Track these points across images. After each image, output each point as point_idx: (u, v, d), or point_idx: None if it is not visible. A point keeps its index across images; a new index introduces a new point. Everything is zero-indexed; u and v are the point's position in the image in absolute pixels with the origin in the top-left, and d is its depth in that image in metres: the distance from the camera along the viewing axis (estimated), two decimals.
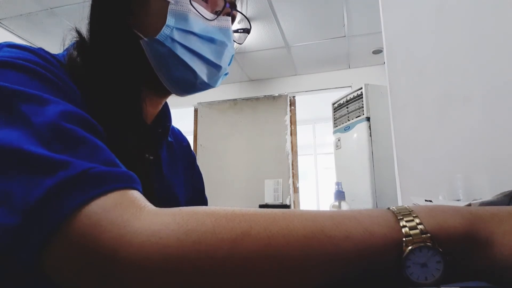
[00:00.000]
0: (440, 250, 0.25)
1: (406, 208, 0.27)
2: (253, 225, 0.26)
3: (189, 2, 0.48)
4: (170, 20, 0.47)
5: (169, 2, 0.47)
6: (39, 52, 0.39)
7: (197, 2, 0.49)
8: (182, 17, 0.48)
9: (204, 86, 0.53)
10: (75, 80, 0.40)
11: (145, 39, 0.48)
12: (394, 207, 0.28)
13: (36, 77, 0.35)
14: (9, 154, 0.28)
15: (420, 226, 0.26)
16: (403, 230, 0.26)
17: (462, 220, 0.26)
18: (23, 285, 0.28)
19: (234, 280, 0.25)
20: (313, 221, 0.27)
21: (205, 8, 0.50)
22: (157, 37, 0.47)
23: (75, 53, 0.45)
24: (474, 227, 0.26)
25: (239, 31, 0.58)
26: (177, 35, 0.48)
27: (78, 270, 0.26)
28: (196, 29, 0.49)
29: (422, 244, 0.25)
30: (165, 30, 0.47)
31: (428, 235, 0.25)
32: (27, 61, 0.35)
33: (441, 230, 0.26)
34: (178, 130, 0.71)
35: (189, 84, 0.51)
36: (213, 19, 0.50)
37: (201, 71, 0.51)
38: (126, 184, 0.29)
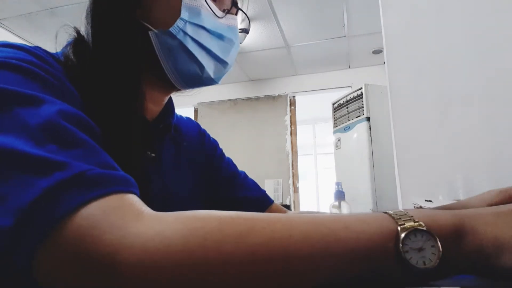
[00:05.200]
0: (433, 234, 0.27)
1: (400, 210, 0.30)
2: (257, 222, 0.27)
3: None
4: (184, 14, 0.48)
5: None
6: (35, 51, 0.38)
7: None
8: (195, 11, 0.49)
9: (208, 81, 0.54)
10: (72, 79, 0.40)
11: (155, 30, 0.48)
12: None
13: (31, 77, 0.34)
14: (2, 155, 0.27)
15: (413, 218, 0.28)
16: (398, 221, 0.28)
17: (451, 216, 0.29)
18: None
19: (240, 273, 0.25)
20: (313, 218, 0.28)
21: (215, 5, 0.52)
22: (170, 29, 0.48)
23: (73, 50, 0.45)
24: (461, 221, 0.29)
25: (239, 31, 0.59)
26: (189, 29, 0.49)
27: (73, 274, 0.24)
28: (207, 25, 0.50)
29: (415, 228, 0.27)
30: (178, 23, 0.48)
31: (421, 222, 0.27)
32: (21, 61, 0.34)
33: (433, 222, 0.28)
34: (188, 119, 0.69)
35: (195, 78, 0.52)
36: (222, 17, 0.52)
37: (209, 66, 0.52)
38: (124, 187, 0.29)
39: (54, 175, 0.26)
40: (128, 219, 0.26)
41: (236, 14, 0.55)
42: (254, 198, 0.69)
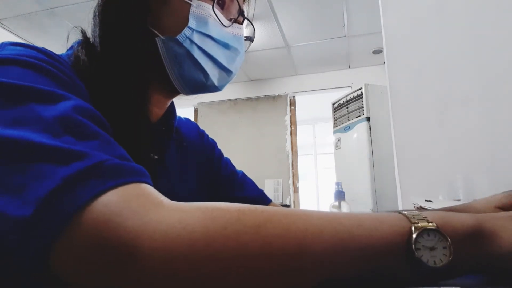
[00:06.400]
0: (445, 235, 0.27)
1: (415, 211, 0.30)
2: (274, 214, 0.28)
3: (211, 8, 0.50)
4: (191, 22, 0.49)
5: (190, 4, 0.49)
6: (45, 50, 0.39)
7: (216, 9, 0.51)
8: (203, 20, 0.49)
9: (212, 88, 0.54)
10: (83, 79, 0.40)
11: (162, 37, 0.49)
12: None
13: (43, 73, 0.34)
14: (20, 147, 0.27)
15: (426, 219, 0.28)
16: (412, 220, 0.28)
17: (468, 218, 0.29)
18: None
19: (256, 262, 0.25)
20: (328, 214, 0.29)
21: (222, 14, 0.52)
22: (177, 37, 0.48)
23: (81, 51, 0.45)
24: (480, 224, 0.29)
25: (244, 38, 0.59)
26: (196, 37, 0.49)
27: (95, 261, 0.24)
28: (213, 34, 0.50)
29: (428, 228, 0.27)
30: (185, 31, 0.48)
31: (435, 224, 0.28)
32: (34, 58, 0.35)
33: (446, 223, 0.28)
34: (187, 120, 0.70)
35: (199, 85, 0.53)
36: (229, 26, 0.52)
37: (213, 74, 0.52)
38: (141, 178, 0.29)
39: (73, 165, 0.27)
40: (149, 206, 0.26)
41: (242, 23, 0.56)
42: (253, 198, 0.69)
